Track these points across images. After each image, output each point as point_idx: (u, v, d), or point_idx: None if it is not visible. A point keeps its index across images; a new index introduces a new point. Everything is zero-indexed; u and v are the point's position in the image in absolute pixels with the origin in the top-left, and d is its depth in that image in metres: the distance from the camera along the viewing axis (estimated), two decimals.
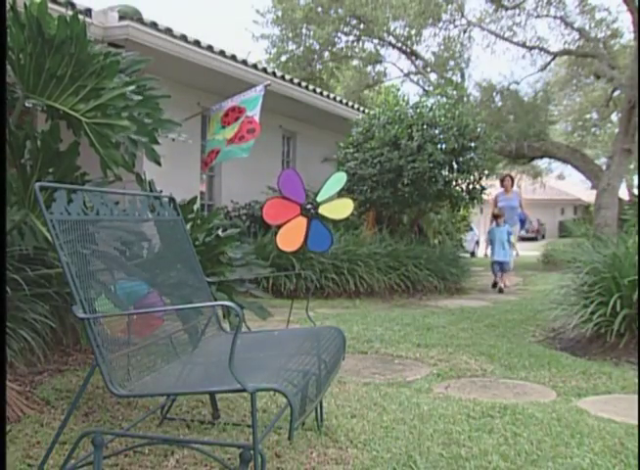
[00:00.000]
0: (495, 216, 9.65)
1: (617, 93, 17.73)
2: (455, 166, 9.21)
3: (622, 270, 4.80)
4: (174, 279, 2.78)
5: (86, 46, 2.72)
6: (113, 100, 2.81)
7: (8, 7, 2.73)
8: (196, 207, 3.85)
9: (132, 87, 2.98)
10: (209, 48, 7.39)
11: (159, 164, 3.30)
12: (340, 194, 5.42)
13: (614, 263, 4.96)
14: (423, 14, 16.69)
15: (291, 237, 4.32)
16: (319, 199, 4.40)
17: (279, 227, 4.36)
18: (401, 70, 19.93)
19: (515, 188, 10.34)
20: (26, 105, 2.95)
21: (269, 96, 6.70)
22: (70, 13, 2.73)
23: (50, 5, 3.29)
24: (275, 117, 10.02)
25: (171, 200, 2.91)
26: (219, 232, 3.81)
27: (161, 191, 3.75)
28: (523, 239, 37.04)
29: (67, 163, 2.90)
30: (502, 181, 10.24)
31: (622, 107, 13.86)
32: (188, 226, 3.46)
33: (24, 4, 2.65)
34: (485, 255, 10.84)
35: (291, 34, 17.88)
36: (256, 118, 6.21)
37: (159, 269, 2.71)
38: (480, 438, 2.67)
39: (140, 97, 3.04)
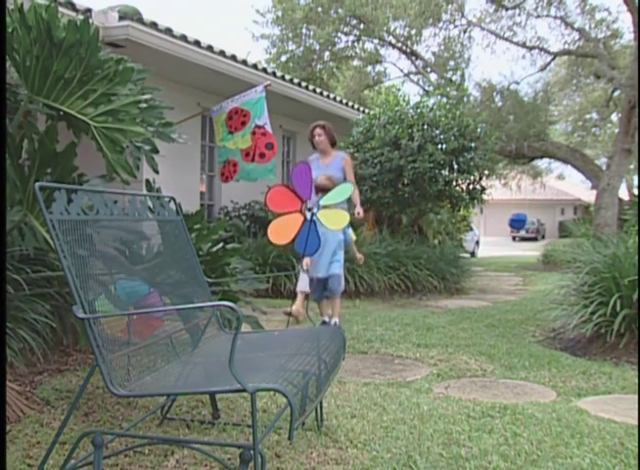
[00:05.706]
0: (317, 188, 4.88)
1: (617, 93, 17.74)
2: (455, 167, 9.23)
3: (622, 270, 4.80)
4: (174, 278, 2.78)
5: (97, 51, 2.73)
6: (126, 106, 2.81)
7: (10, 7, 2.72)
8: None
9: (147, 96, 2.99)
10: (209, 48, 7.39)
11: (156, 171, 3.34)
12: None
13: (614, 263, 4.96)
14: (423, 14, 16.71)
15: (283, 231, 4.30)
16: (322, 203, 4.38)
17: (275, 217, 4.35)
18: (401, 71, 19.98)
19: (342, 153, 5.82)
20: (29, 107, 2.95)
21: (269, 96, 6.70)
22: (71, 13, 2.74)
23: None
24: (275, 117, 9.98)
25: (172, 200, 2.91)
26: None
27: (159, 190, 3.75)
28: (523, 239, 37.24)
29: (64, 163, 2.90)
30: (311, 140, 5.73)
31: (622, 107, 13.88)
32: (193, 235, 3.46)
33: (34, 7, 2.64)
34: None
35: (291, 34, 17.88)
36: (269, 129, 6.14)
37: (158, 269, 2.71)
38: (480, 438, 2.67)
39: (145, 105, 3.05)
